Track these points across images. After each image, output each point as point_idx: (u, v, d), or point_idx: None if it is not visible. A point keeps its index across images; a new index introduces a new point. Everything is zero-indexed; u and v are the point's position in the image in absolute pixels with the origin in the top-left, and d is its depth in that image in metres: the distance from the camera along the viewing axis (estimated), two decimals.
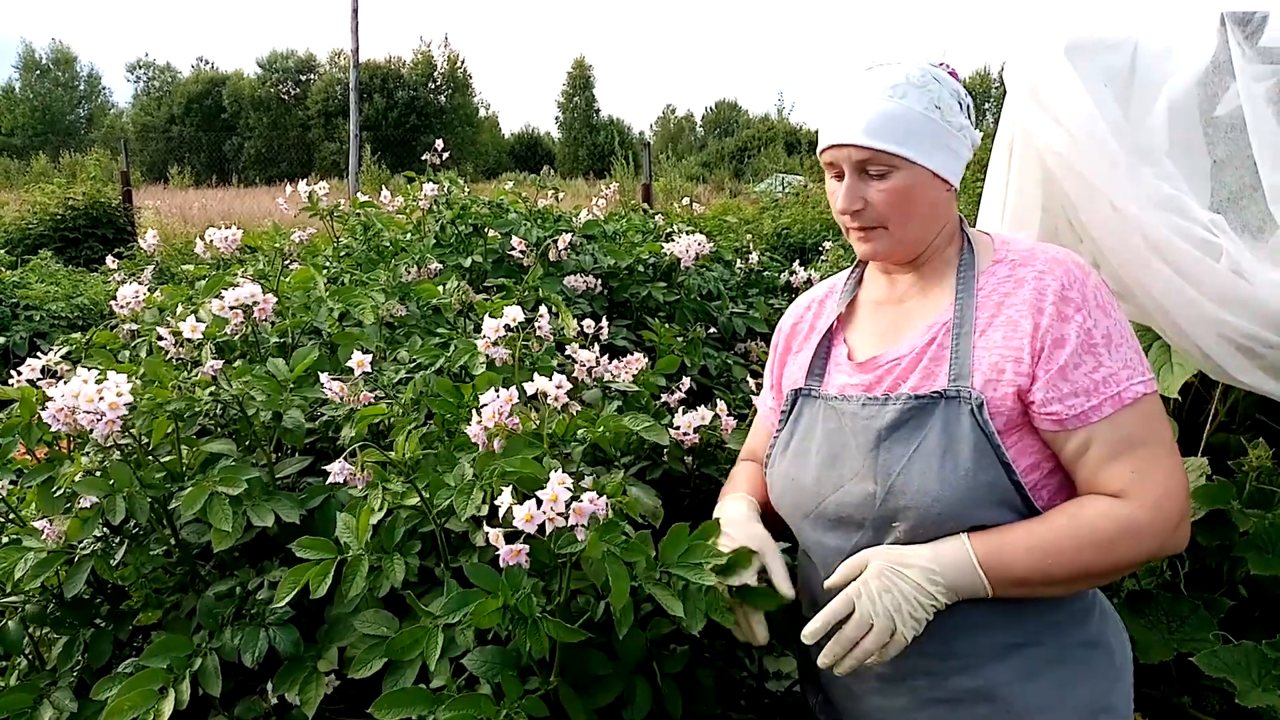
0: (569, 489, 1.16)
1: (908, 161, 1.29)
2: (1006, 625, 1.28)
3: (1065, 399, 1.21)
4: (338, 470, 1.41)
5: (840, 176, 1.34)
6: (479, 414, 1.37)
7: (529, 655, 1.23)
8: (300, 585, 1.32)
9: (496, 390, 1.38)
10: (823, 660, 1.21)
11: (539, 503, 1.16)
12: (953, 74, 1.34)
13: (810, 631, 1.20)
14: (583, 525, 1.17)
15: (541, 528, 1.16)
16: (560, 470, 1.19)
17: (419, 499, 1.38)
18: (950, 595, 1.19)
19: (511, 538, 1.17)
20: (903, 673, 1.31)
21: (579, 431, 1.48)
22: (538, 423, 1.42)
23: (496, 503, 1.19)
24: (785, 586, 1.33)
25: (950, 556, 1.20)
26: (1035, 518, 1.24)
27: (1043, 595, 1.26)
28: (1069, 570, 1.20)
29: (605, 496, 1.19)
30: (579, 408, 1.50)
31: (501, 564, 1.18)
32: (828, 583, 1.25)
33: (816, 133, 1.39)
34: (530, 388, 1.41)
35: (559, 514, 1.15)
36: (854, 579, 1.22)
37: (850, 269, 1.54)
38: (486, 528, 1.19)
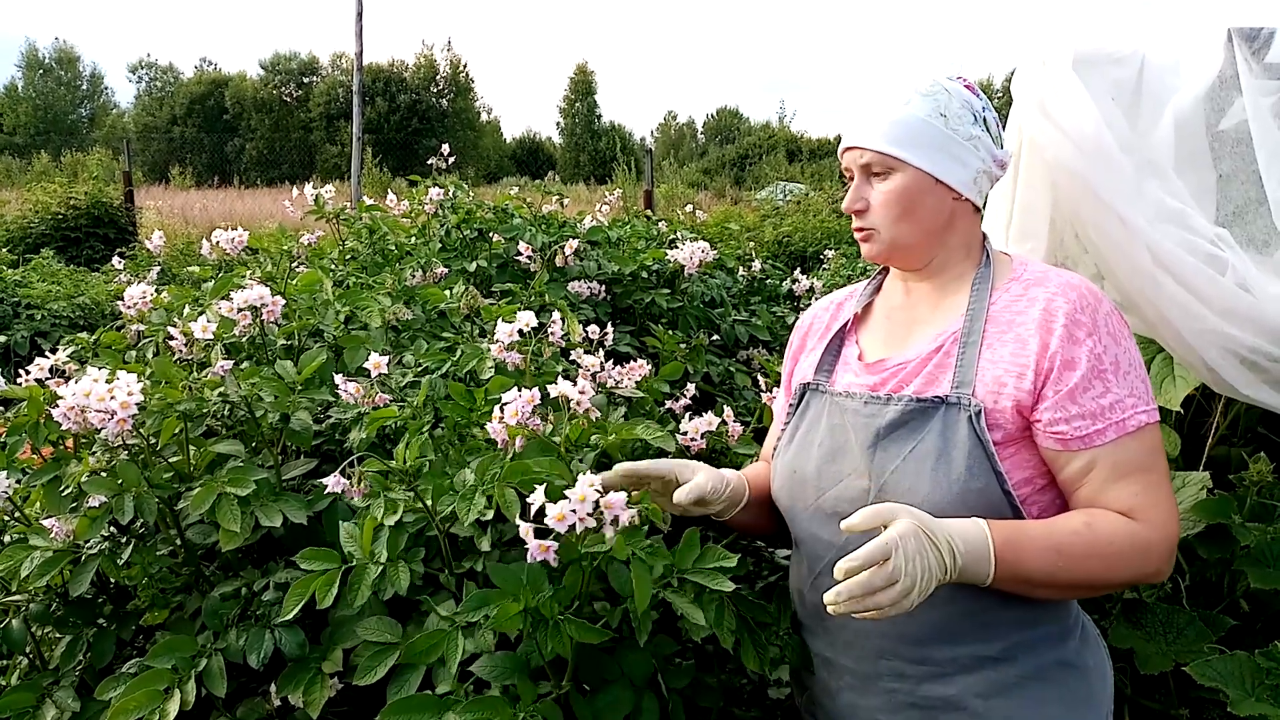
0: (597, 490, 1.15)
1: (904, 164, 1.32)
2: (981, 639, 1.28)
3: (1072, 420, 1.22)
4: (333, 483, 1.41)
5: (854, 179, 1.39)
6: (501, 410, 1.37)
7: (543, 660, 1.22)
8: (306, 596, 1.33)
9: (519, 389, 1.38)
10: (831, 596, 1.08)
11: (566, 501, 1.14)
12: (969, 87, 1.37)
13: (847, 567, 1.08)
14: (611, 525, 1.15)
15: (572, 528, 1.14)
16: (586, 473, 1.18)
17: (422, 506, 1.38)
18: (959, 576, 1.13)
19: (540, 534, 1.16)
20: (877, 672, 1.33)
21: (592, 438, 1.48)
22: (551, 426, 1.42)
23: (529, 500, 1.18)
24: (682, 495, 1.33)
25: (971, 536, 1.15)
26: (1049, 519, 1.24)
27: (1029, 595, 1.23)
28: (1071, 577, 1.19)
29: (633, 506, 1.19)
30: (597, 414, 1.49)
31: (529, 559, 1.16)
32: (846, 524, 1.12)
33: (823, 141, 1.42)
34: (553, 390, 1.41)
35: (588, 514, 1.14)
36: (876, 527, 1.12)
37: (872, 276, 1.57)
38: (519, 520, 1.17)
